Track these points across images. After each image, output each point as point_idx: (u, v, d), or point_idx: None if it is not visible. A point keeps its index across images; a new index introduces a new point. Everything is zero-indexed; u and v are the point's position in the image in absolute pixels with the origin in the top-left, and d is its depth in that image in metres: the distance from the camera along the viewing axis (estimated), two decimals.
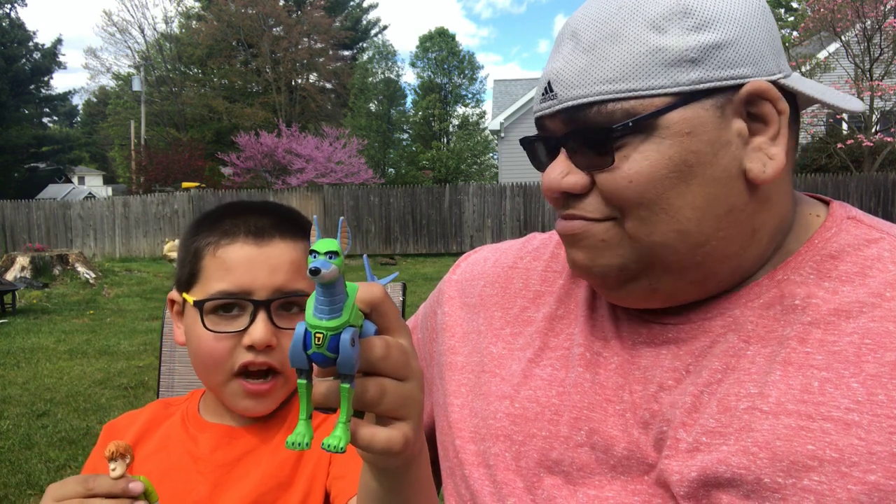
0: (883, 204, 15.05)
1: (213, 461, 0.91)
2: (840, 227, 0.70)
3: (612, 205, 0.67)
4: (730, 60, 0.64)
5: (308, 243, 0.97)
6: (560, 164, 0.69)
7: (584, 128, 0.66)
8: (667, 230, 0.65)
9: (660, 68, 0.63)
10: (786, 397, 0.62)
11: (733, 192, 0.66)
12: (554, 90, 0.68)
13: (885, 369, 0.60)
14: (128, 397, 5.37)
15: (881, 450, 0.58)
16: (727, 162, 0.65)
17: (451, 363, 0.86)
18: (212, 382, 0.92)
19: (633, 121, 0.64)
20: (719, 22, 0.64)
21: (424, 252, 17.35)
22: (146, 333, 7.94)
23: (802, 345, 0.64)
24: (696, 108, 0.64)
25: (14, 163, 35.62)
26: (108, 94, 45.90)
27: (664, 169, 0.64)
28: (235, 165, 23.18)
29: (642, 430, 0.68)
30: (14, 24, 36.65)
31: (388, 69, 39.11)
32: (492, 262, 0.93)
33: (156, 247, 17.45)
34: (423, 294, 8.71)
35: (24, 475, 3.81)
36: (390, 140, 38.73)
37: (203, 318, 0.89)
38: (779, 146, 0.66)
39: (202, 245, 0.94)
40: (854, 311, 0.64)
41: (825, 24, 15.08)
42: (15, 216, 17.81)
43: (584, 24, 0.68)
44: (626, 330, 0.74)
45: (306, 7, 36.38)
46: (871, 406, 0.59)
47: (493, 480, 0.74)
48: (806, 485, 0.59)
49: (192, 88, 36.83)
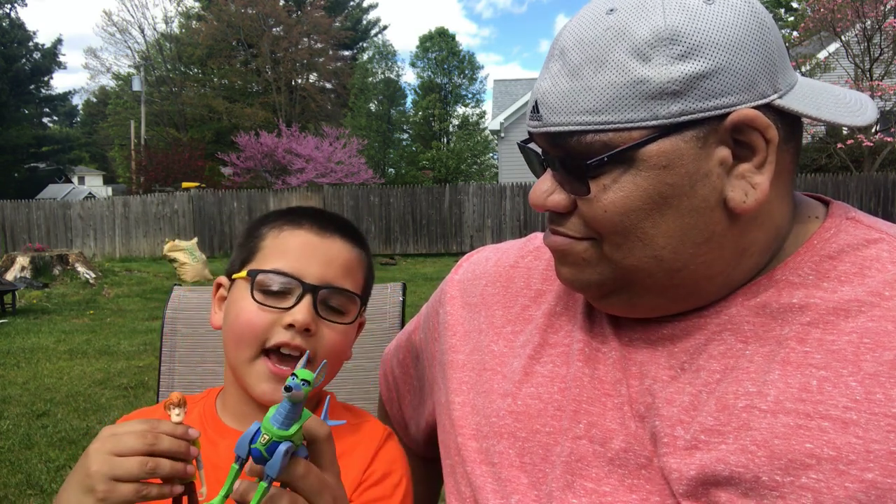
0: (883, 204, 15.05)
1: None
2: (839, 228, 0.71)
3: (590, 228, 0.69)
4: (715, 90, 0.62)
5: (363, 252, 1.01)
6: (546, 182, 0.72)
7: (565, 155, 0.68)
8: (641, 256, 0.67)
9: (640, 101, 0.62)
10: (784, 396, 0.62)
11: (712, 221, 0.65)
12: (540, 112, 0.69)
13: (883, 368, 0.61)
14: (128, 397, 5.37)
15: (879, 448, 0.58)
16: (706, 193, 0.64)
17: (453, 361, 0.87)
18: (240, 357, 0.92)
19: (609, 155, 0.64)
20: (707, 48, 0.62)
21: (424, 252, 17.35)
22: (146, 333, 7.94)
23: (801, 344, 0.64)
24: (676, 140, 0.63)
25: (14, 163, 35.63)
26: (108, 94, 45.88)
27: (639, 201, 0.65)
28: (235, 165, 23.18)
29: (639, 423, 0.69)
30: (14, 24, 36.64)
31: (388, 69, 39.14)
32: (493, 261, 0.94)
33: (156, 247, 17.44)
34: (423, 294, 8.71)
35: (24, 475, 3.81)
36: (390, 140, 38.73)
37: (253, 289, 0.92)
38: (764, 174, 0.65)
39: (266, 229, 0.99)
40: (853, 311, 0.64)
41: (825, 24, 15.08)
42: (15, 216, 17.80)
43: (571, 44, 0.67)
44: (624, 327, 0.75)
45: (306, 7, 36.38)
46: (868, 405, 0.60)
47: (496, 478, 0.75)
48: (804, 483, 0.59)
49: (192, 88, 36.81)
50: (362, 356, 1.39)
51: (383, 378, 1.13)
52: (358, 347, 1.45)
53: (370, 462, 0.92)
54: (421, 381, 1.01)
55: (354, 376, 1.37)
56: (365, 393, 1.36)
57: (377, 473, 0.92)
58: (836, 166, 16.29)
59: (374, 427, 0.98)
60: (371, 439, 0.95)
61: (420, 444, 1.06)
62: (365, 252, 1.02)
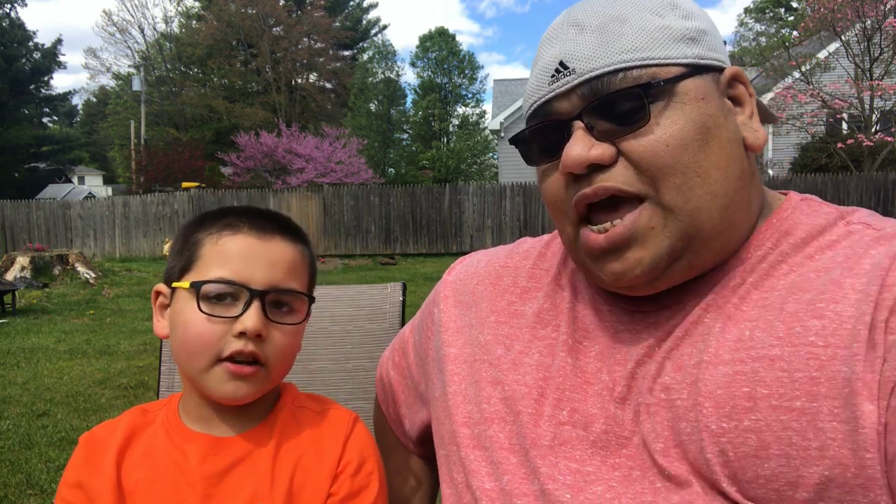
0: (883, 204, 15.05)
1: (201, 472, 0.89)
2: (795, 207, 0.76)
3: (644, 174, 0.68)
4: (714, 46, 0.73)
5: (304, 248, 0.98)
6: (580, 140, 0.69)
7: (611, 96, 0.68)
8: (701, 194, 0.68)
9: (670, 42, 0.69)
10: (723, 348, 0.67)
11: (741, 156, 0.72)
12: (570, 66, 0.70)
13: (801, 306, 0.65)
14: (128, 397, 5.37)
15: (801, 376, 0.62)
16: (734, 126, 0.72)
17: (447, 355, 0.90)
18: (194, 368, 0.91)
19: (664, 80, 0.68)
20: (698, 16, 0.73)
21: (424, 252, 17.35)
22: (146, 333, 7.94)
23: (741, 302, 0.70)
24: (704, 79, 0.70)
25: (14, 163, 35.60)
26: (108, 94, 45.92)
27: (692, 132, 0.68)
28: (235, 165, 23.18)
29: (619, 406, 0.73)
30: (14, 24, 36.65)
31: (388, 69, 39.12)
32: (484, 262, 0.98)
33: (156, 247, 17.46)
34: (423, 294, 8.68)
35: (24, 475, 3.81)
36: (390, 140, 38.71)
37: (199, 300, 0.89)
38: (757, 122, 0.74)
39: (203, 235, 0.94)
40: (786, 272, 0.70)
41: (825, 24, 15.09)
42: (15, 216, 17.81)
43: (585, 14, 0.72)
44: (608, 320, 0.79)
45: (306, 7, 36.40)
46: (790, 338, 0.64)
47: (489, 460, 0.78)
48: (746, 425, 0.63)
49: (192, 88, 36.80)
50: (362, 356, 1.39)
51: (379, 379, 1.14)
52: (358, 347, 1.45)
53: (342, 451, 0.92)
54: (415, 380, 1.03)
55: (354, 376, 1.37)
56: (365, 393, 1.36)
57: (353, 464, 0.92)
58: (836, 166, 16.28)
59: (339, 414, 0.97)
60: (338, 426, 0.95)
61: (414, 443, 1.07)
62: (307, 248, 1.00)
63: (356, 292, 1.48)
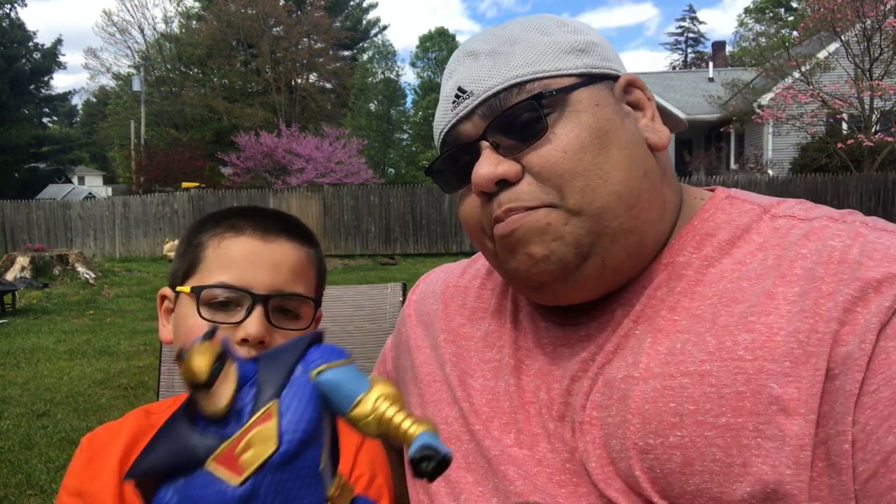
0: (883, 204, 15.05)
1: None
2: (717, 207, 0.76)
3: (547, 185, 0.69)
4: (606, 55, 0.75)
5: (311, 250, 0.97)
6: (487, 159, 0.71)
7: (509, 111, 0.70)
8: (604, 193, 0.69)
9: (560, 55, 0.72)
10: (654, 362, 0.67)
11: (644, 155, 0.73)
12: (467, 90, 0.73)
13: (733, 319, 0.64)
14: (128, 397, 5.37)
15: (728, 391, 0.61)
16: (633, 129, 0.73)
17: (415, 377, 0.90)
18: None
19: (557, 90, 0.70)
20: (586, 31, 0.76)
21: (424, 252, 17.35)
22: (146, 333, 7.94)
23: (671, 313, 0.69)
24: (598, 87, 0.72)
25: (14, 163, 35.62)
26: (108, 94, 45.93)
27: (589, 137, 0.69)
28: (235, 165, 23.17)
29: (558, 423, 0.72)
30: (14, 24, 36.68)
31: (388, 69, 39.14)
32: (441, 281, 0.98)
33: (156, 247, 17.45)
34: None
35: (24, 475, 3.81)
36: (390, 140, 38.74)
37: (199, 306, 0.88)
38: (659, 124, 0.76)
39: (206, 238, 0.92)
40: (716, 279, 0.69)
41: (825, 24, 15.10)
42: (15, 216, 17.81)
43: (477, 43, 0.76)
44: (546, 337, 0.79)
45: (306, 7, 36.41)
46: (720, 353, 0.63)
47: (447, 480, 0.78)
48: (672, 442, 0.62)
49: (192, 88, 36.82)
50: (362, 356, 1.39)
51: None
52: (358, 348, 1.45)
53: (353, 462, 0.91)
54: None
55: None
56: None
57: (365, 477, 0.90)
58: (836, 166, 16.29)
59: None
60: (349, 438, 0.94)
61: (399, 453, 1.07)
62: (314, 249, 0.97)
63: (356, 292, 1.48)
